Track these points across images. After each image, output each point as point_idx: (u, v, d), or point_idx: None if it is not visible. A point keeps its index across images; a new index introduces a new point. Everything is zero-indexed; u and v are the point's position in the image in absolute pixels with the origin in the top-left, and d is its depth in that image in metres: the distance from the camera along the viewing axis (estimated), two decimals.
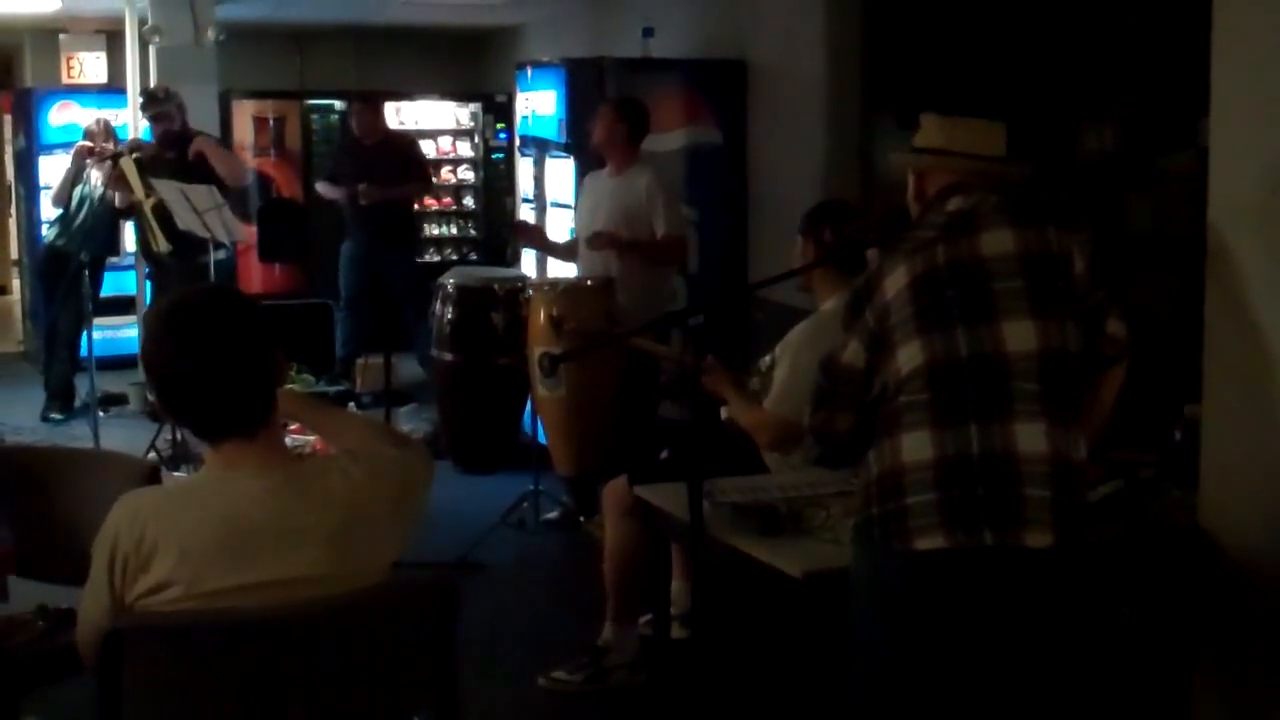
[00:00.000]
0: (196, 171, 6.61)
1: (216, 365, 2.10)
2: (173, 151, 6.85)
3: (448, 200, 10.44)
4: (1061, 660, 2.45)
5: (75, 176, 7.47)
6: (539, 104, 6.89)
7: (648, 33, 6.79)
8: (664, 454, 4.27)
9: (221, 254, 6.59)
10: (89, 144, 7.49)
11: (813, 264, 3.68)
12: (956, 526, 2.37)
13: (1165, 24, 4.61)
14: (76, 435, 6.82)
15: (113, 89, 9.08)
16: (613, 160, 5.64)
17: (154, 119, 6.93)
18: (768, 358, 3.77)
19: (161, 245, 6.81)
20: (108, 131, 7.58)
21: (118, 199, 7.18)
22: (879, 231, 3.63)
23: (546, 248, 6.17)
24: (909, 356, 2.44)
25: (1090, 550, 2.48)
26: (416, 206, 10.21)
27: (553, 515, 5.55)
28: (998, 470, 2.38)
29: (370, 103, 8.07)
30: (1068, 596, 2.44)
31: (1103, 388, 2.66)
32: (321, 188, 8.05)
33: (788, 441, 3.62)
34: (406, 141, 8.43)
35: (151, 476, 2.99)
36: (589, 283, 5.55)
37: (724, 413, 3.73)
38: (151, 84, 7.89)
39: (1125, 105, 4.97)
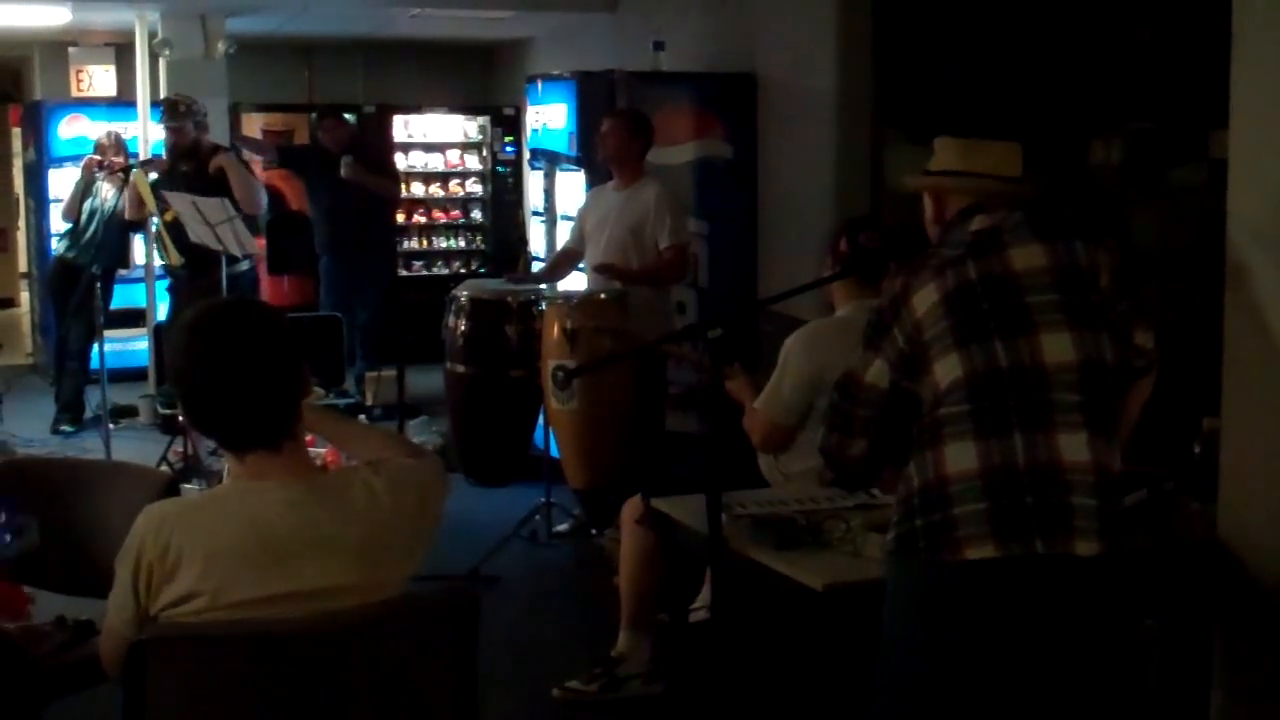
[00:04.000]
0: (216, 185, 6.60)
1: (243, 376, 2.10)
2: (188, 164, 6.85)
3: (455, 213, 10.45)
4: (1102, 670, 2.44)
5: (85, 189, 7.45)
6: (549, 117, 6.90)
7: (658, 46, 6.80)
8: (680, 468, 4.27)
9: (244, 266, 6.59)
10: (98, 157, 7.50)
11: (829, 278, 3.68)
12: (1007, 536, 2.37)
13: (1174, 38, 4.62)
14: (87, 447, 6.81)
15: (122, 102, 9.07)
16: (621, 174, 5.65)
17: (171, 130, 6.92)
18: None
19: (174, 258, 6.82)
20: (118, 144, 7.56)
21: (128, 211, 7.19)
22: (889, 240, 3.65)
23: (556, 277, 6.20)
24: (947, 369, 2.44)
25: (1129, 560, 2.49)
26: (423, 220, 10.33)
27: (563, 527, 5.55)
28: (1045, 479, 2.38)
29: (334, 116, 8.11)
30: (1114, 605, 2.45)
31: (1130, 399, 2.66)
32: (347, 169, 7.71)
33: (772, 443, 3.65)
34: (376, 149, 8.43)
35: (169, 488, 2.99)
36: (602, 296, 5.55)
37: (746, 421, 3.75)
38: (161, 97, 7.91)
39: (1135, 119, 4.98)
